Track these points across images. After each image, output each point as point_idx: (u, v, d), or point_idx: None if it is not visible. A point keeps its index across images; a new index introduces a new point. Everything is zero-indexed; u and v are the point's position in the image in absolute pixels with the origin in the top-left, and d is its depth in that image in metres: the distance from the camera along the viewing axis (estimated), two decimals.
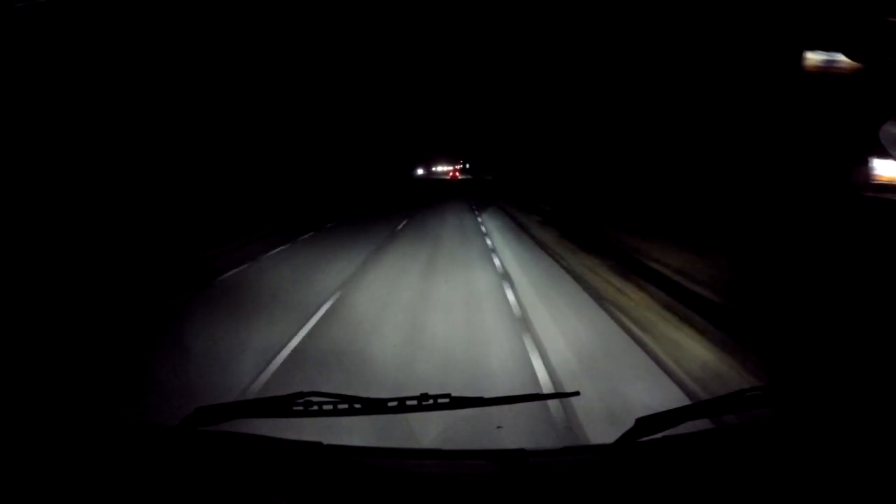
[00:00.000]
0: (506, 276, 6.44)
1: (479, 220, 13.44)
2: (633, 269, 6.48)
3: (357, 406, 1.13)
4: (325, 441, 1.08)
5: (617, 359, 3.68)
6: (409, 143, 58.53)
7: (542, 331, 4.28)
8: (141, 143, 11.93)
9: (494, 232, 10.99)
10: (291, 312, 4.88)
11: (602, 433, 2.56)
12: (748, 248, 5.97)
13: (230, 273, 6.93)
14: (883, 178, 5.18)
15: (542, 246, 8.93)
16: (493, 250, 8.52)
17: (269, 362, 3.66)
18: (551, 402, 2.86)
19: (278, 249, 8.81)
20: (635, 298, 5.24)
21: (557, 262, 7.43)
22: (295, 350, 3.94)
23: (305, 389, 1.16)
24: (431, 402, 1.11)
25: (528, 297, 5.44)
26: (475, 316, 4.82)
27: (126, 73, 11.68)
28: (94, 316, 4.89)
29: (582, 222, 10.73)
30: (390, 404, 1.12)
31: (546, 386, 3.25)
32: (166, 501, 0.87)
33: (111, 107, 11.45)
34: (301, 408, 1.13)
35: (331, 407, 1.13)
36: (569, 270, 6.76)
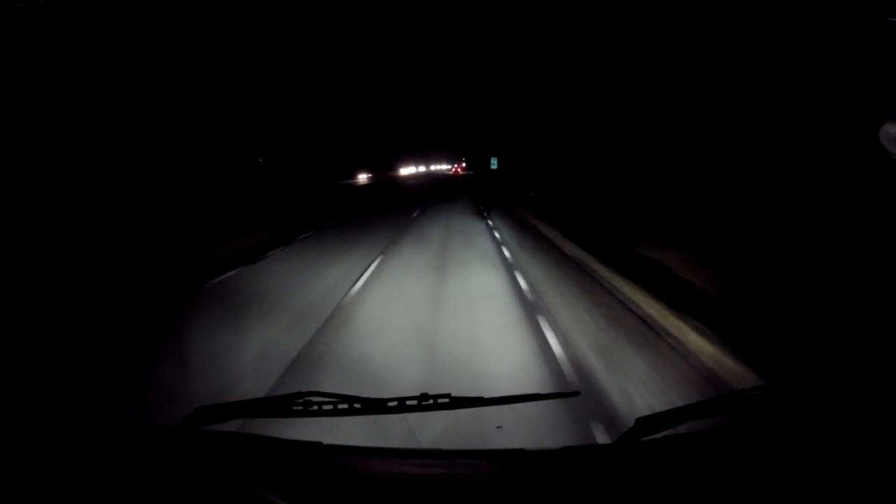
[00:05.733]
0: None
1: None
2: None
3: (357, 406, 1.13)
4: (325, 441, 1.08)
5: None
6: (415, 143, 58.82)
7: None
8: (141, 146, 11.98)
9: None
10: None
11: None
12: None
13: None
14: None
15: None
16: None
17: None
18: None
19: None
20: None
21: None
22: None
23: (305, 389, 1.16)
24: (431, 402, 1.11)
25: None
26: None
27: (126, 75, 11.73)
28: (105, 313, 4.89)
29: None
30: (390, 404, 1.12)
31: None
32: (166, 501, 0.87)
33: (111, 109, 11.47)
34: (301, 408, 1.13)
35: (330, 407, 1.13)
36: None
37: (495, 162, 27.09)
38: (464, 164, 62.88)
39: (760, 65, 7.00)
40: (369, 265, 7.15)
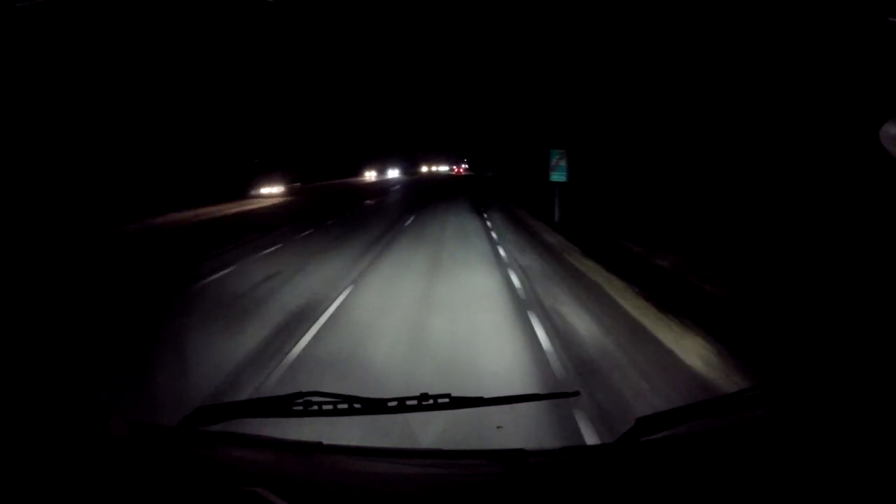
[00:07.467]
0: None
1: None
2: None
3: (357, 406, 1.13)
4: (325, 441, 1.08)
5: None
6: (419, 144, 58.23)
7: None
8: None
9: None
10: None
11: None
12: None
13: None
14: None
15: None
16: None
17: None
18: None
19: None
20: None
21: None
22: None
23: (305, 389, 1.16)
24: (431, 402, 1.11)
25: None
26: None
27: (120, 77, 11.78)
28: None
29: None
30: (390, 404, 1.12)
31: None
32: (166, 501, 0.87)
33: (107, 109, 11.49)
34: (301, 408, 1.13)
35: (330, 407, 1.13)
36: None
37: (563, 164, 11.86)
38: (465, 166, 63.37)
39: (761, 64, 6.99)
40: None
